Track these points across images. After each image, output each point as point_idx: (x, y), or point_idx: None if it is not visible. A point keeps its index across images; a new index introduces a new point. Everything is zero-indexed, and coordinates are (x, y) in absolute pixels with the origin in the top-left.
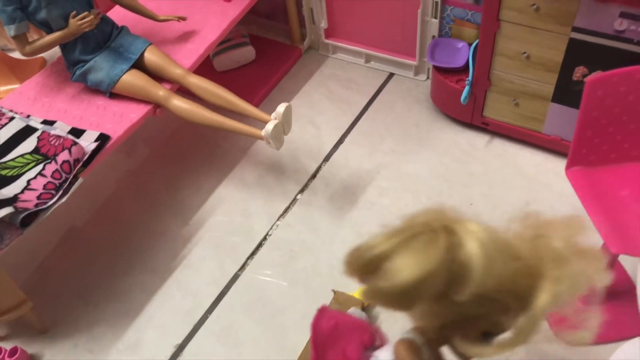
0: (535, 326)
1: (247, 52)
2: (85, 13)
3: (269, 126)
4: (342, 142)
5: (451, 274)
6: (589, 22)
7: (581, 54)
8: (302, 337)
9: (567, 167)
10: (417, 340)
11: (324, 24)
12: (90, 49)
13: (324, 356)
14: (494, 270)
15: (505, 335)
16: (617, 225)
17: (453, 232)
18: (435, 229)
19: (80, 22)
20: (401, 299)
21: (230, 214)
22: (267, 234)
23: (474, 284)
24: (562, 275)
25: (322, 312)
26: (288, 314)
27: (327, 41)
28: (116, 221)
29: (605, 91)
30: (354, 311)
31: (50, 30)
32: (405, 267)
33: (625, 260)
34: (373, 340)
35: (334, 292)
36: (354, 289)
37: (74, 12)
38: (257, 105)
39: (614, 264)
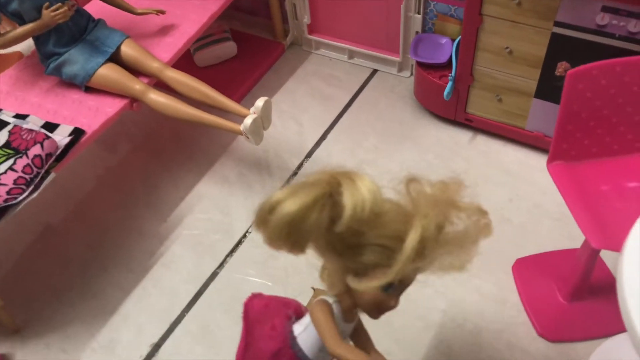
0: (407, 260)
1: (229, 48)
2: (59, 4)
3: (248, 120)
4: (324, 139)
5: (331, 207)
6: (571, 16)
7: (563, 48)
8: None
9: (549, 162)
10: (328, 299)
11: (307, 20)
12: (64, 41)
13: (252, 331)
14: (367, 205)
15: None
16: (598, 220)
17: (336, 179)
18: (322, 178)
19: (54, 13)
20: (290, 232)
21: (209, 212)
22: (247, 232)
23: (349, 214)
24: (430, 213)
25: (255, 295)
26: None
27: (310, 37)
28: (92, 218)
29: (586, 84)
30: None
31: (22, 22)
32: (290, 203)
33: (607, 258)
34: (299, 313)
35: (314, 289)
36: None
37: (47, 4)
38: (238, 101)
39: (595, 259)
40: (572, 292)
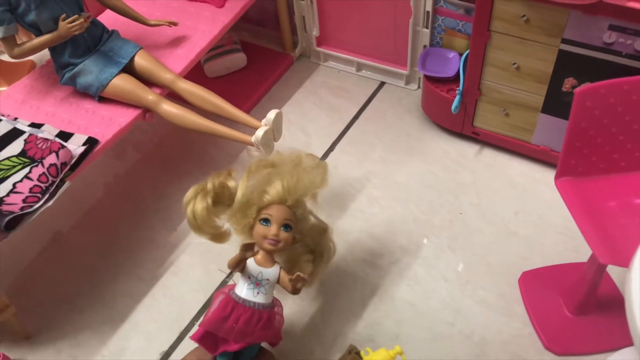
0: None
1: (239, 59)
2: (75, 16)
3: (259, 132)
4: (332, 150)
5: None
6: (578, 34)
7: (570, 65)
8: (289, 344)
9: (557, 178)
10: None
11: (315, 32)
12: (80, 52)
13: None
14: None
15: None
16: (606, 236)
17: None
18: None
19: (70, 25)
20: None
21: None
22: None
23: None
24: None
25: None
26: None
27: (318, 49)
28: (102, 226)
29: (594, 102)
30: None
31: (39, 33)
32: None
33: (613, 272)
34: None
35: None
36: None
37: (64, 15)
38: (247, 112)
39: (602, 274)
40: (578, 306)
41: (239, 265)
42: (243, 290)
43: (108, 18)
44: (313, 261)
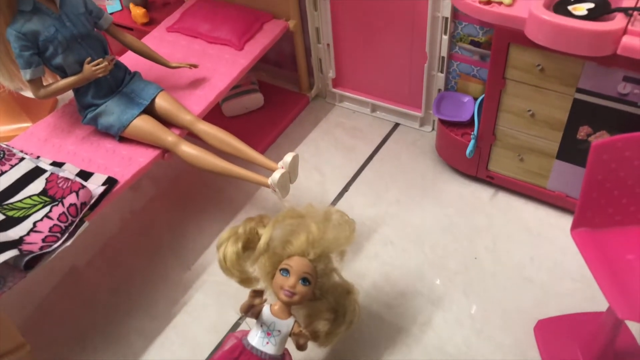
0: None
1: (256, 99)
2: (100, 59)
3: (276, 175)
4: (346, 190)
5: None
6: (593, 84)
7: (585, 114)
8: None
9: (573, 228)
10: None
11: (331, 74)
12: (102, 93)
13: None
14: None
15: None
16: (624, 290)
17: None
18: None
19: (95, 67)
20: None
21: None
22: None
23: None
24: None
25: None
26: None
27: (334, 90)
28: (117, 263)
29: (611, 155)
30: None
31: (64, 75)
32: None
33: (631, 323)
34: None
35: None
36: None
37: (89, 58)
38: (263, 151)
39: (620, 326)
40: (596, 357)
41: (249, 311)
42: (255, 338)
43: (130, 59)
44: (334, 320)
